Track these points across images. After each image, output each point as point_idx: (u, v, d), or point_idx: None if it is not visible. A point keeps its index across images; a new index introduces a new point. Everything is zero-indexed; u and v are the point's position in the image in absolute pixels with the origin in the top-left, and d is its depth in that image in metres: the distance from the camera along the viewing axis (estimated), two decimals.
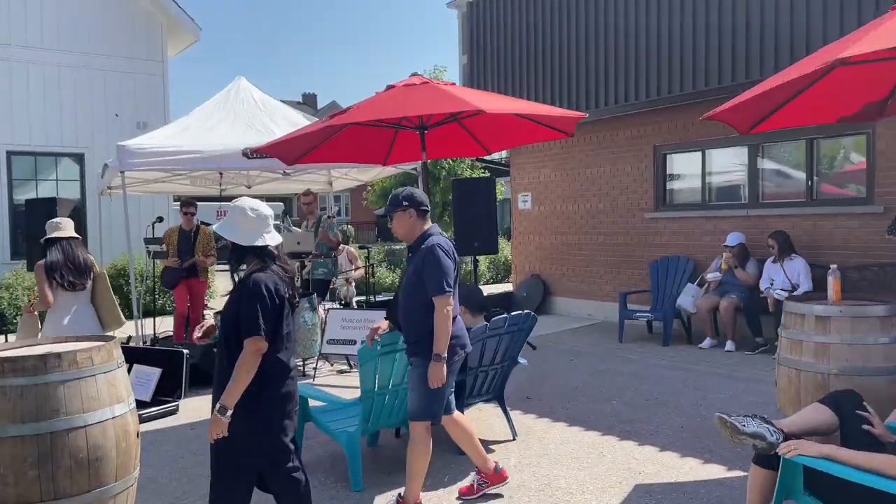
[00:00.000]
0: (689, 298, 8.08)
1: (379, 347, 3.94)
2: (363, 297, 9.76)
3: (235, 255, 3.06)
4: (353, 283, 9.48)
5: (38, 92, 12.37)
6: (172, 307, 9.23)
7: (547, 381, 6.52)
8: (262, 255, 3.01)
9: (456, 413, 3.77)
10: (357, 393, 4.56)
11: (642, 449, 4.60)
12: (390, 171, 9.06)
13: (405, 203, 3.55)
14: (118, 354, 3.47)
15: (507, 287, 13.67)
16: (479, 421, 5.24)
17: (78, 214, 8.88)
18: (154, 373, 6.14)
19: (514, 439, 4.85)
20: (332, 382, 6.82)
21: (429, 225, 3.61)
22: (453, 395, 3.79)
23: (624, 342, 8.37)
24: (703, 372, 6.75)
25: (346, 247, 9.34)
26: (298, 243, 7.44)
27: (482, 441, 4.79)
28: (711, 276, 7.95)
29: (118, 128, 12.76)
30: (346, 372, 7.30)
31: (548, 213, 10.83)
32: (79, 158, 12.87)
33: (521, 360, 4.89)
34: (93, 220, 11.25)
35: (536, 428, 5.12)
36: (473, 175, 16.64)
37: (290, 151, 6.20)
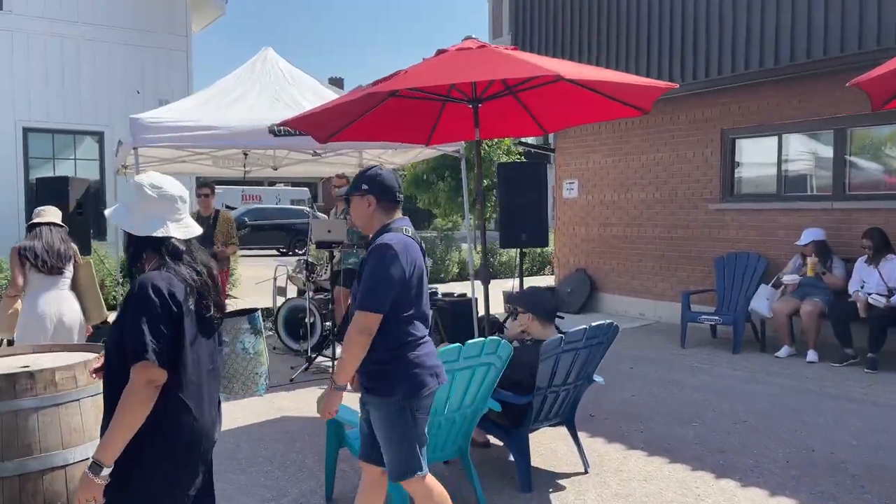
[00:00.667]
0: (763, 302, 7.19)
1: None
2: None
3: (132, 249, 2.19)
4: None
5: (56, 66, 11.75)
6: None
7: (609, 395, 5.71)
8: (164, 249, 2.12)
9: (428, 477, 2.81)
10: None
11: (747, 492, 3.78)
12: (430, 153, 8.25)
13: (364, 187, 2.77)
14: None
15: (545, 280, 12.84)
16: (540, 446, 4.45)
17: (91, 195, 8.25)
18: None
19: (586, 472, 4.06)
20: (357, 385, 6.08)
21: (394, 218, 2.79)
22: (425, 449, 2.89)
23: (686, 347, 7.51)
24: (790, 388, 5.88)
25: None
26: (329, 231, 6.68)
27: (547, 472, 4.01)
28: (789, 278, 7.04)
29: (139, 105, 12.06)
30: None
31: (596, 203, 9.96)
32: (98, 137, 12.26)
33: (598, 379, 4.08)
34: (112, 203, 10.62)
35: (610, 457, 4.32)
36: (510, 160, 15.75)
37: (323, 127, 5.43)
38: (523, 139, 12.47)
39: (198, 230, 2.23)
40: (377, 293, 2.57)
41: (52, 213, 5.07)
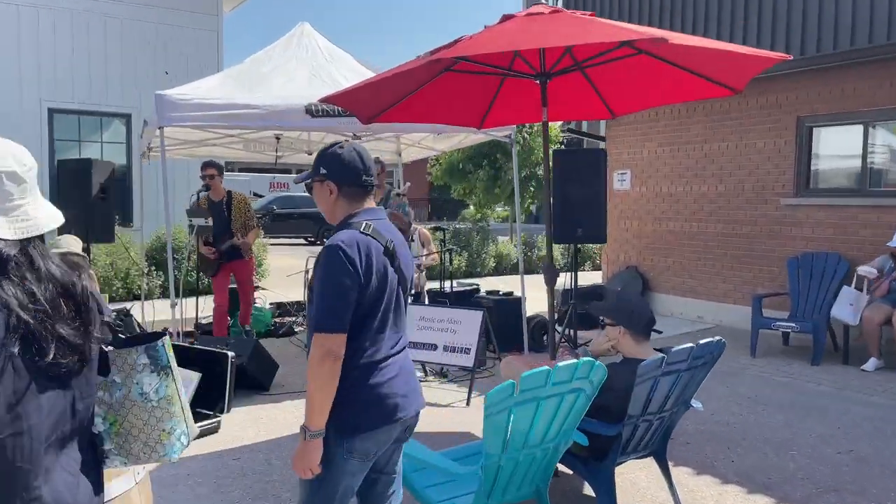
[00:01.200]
0: (846, 308, 6.45)
1: (515, 392, 2.54)
2: (434, 285, 8.39)
3: None
4: (424, 271, 8.13)
5: (83, 45, 11.32)
6: None
7: (687, 413, 5.04)
8: None
9: None
10: (444, 420, 3.19)
11: None
12: (475, 138, 7.61)
13: (322, 171, 2.23)
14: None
15: (589, 277, 12.14)
16: (619, 476, 3.81)
17: (115, 179, 7.76)
18: (191, 379, 4.92)
19: None
20: None
21: (362, 207, 2.24)
22: None
23: (757, 356, 6.81)
24: (889, 408, 5.17)
25: (419, 227, 7.98)
26: None
27: None
28: (865, 270, 6.27)
29: (168, 87, 11.63)
30: (420, 381, 5.98)
31: (651, 195, 9.25)
32: (125, 120, 11.83)
33: (695, 404, 3.44)
34: (138, 188, 10.17)
35: (702, 493, 3.68)
36: (553, 148, 15.03)
37: (368, 105, 4.83)
38: (572, 125, 11.73)
39: (45, 225, 1.40)
40: (334, 308, 2.03)
41: (71, 242, 4.54)
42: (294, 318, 8.55)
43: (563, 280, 9.83)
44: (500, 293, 7.48)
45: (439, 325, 5.65)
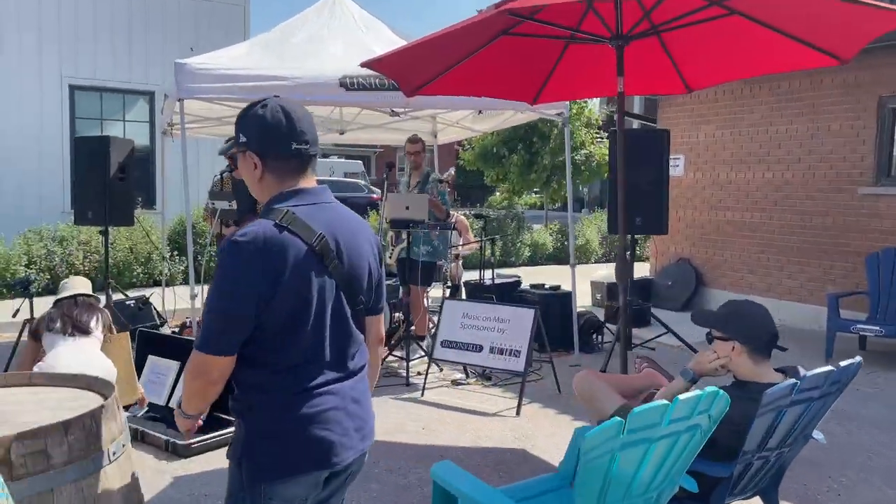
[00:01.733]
0: None
1: (623, 432, 1.96)
2: (471, 276, 7.80)
3: None
4: (461, 261, 7.55)
5: (105, 19, 10.86)
6: None
7: None
8: None
9: None
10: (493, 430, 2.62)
11: None
12: (522, 118, 6.98)
13: (241, 139, 1.78)
14: (116, 427, 1.66)
15: (634, 267, 11.40)
16: None
17: (136, 158, 7.28)
18: (170, 369, 4.41)
19: None
20: (444, 399, 4.95)
21: (295, 185, 1.78)
22: None
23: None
24: None
25: (456, 214, 7.39)
26: (408, 209, 5.52)
27: None
28: None
29: None
30: (461, 384, 5.43)
31: (707, 182, 8.55)
32: (149, 98, 11.38)
33: (817, 436, 2.81)
34: (162, 169, 9.73)
35: None
36: (589, 134, 14.30)
37: (414, 73, 4.26)
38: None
39: None
40: (214, 325, 1.64)
41: (79, 284, 4.10)
42: None
43: (606, 272, 9.21)
44: (546, 287, 6.87)
45: (485, 324, 5.08)
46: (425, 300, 6.34)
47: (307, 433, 1.69)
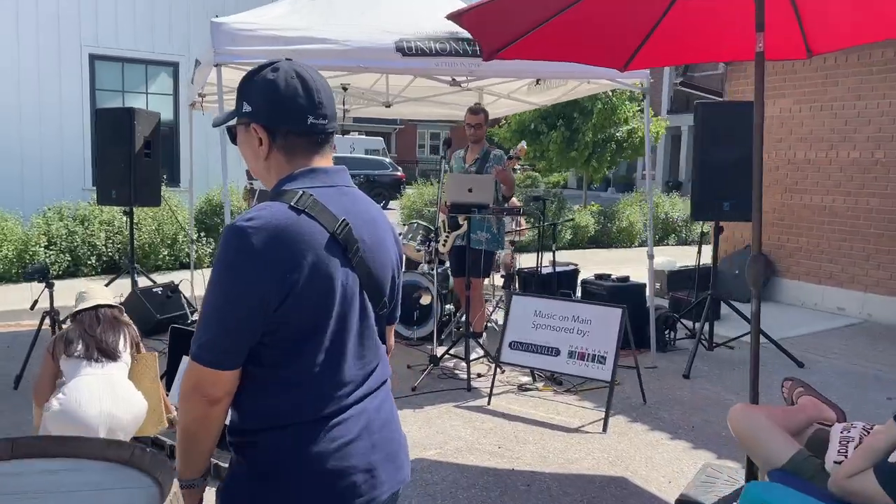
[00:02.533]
0: None
1: None
2: (528, 265, 7.16)
3: None
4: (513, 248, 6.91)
5: None
6: None
7: None
8: None
9: None
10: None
11: None
12: (588, 88, 6.27)
13: (246, 108, 1.45)
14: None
15: (681, 251, 10.71)
16: None
17: (162, 132, 6.70)
18: None
19: None
20: (514, 408, 4.34)
21: (308, 165, 1.45)
22: None
23: None
24: None
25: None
26: (471, 191, 4.87)
27: None
28: None
29: None
30: (529, 388, 4.83)
31: (781, 162, 7.81)
32: (172, 70, 10.77)
33: None
34: (188, 145, 9.16)
35: None
36: (631, 108, 13.48)
37: (498, 31, 3.59)
38: (686, 75, 10.22)
39: None
40: (215, 329, 1.32)
41: (99, 294, 3.43)
42: None
43: (663, 259, 8.53)
44: (613, 277, 6.22)
45: (562, 324, 4.45)
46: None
47: (326, 472, 1.35)
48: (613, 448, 3.87)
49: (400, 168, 25.08)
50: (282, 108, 1.41)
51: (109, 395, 2.93)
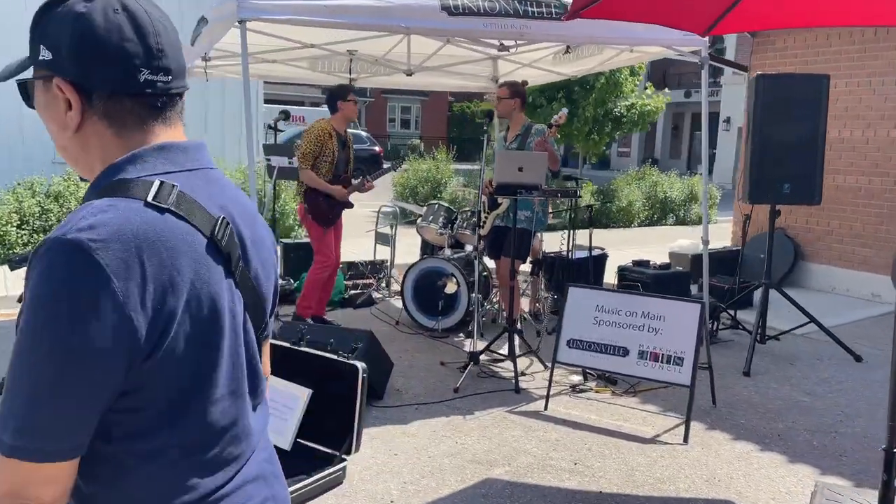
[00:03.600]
0: None
1: None
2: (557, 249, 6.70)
3: None
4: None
5: None
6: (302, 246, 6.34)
7: None
8: None
9: None
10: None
11: None
12: (629, 57, 5.75)
13: (45, 56, 0.95)
14: None
15: (689, 235, 10.36)
16: None
17: None
18: (297, 398, 3.32)
19: None
20: (574, 414, 3.88)
21: (152, 141, 0.98)
22: None
23: None
24: None
25: None
26: (521, 170, 4.35)
27: None
28: None
29: None
30: (584, 389, 4.39)
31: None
32: None
33: None
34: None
35: None
36: (631, 82, 13.02)
37: None
38: (707, 48, 9.77)
39: None
40: (39, 406, 0.83)
41: None
42: (370, 282, 6.91)
43: (685, 242, 8.16)
44: (653, 264, 5.79)
45: (630, 321, 3.99)
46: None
47: None
48: (703, 463, 3.44)
49: (378, 143, 24.31)
50: (99, 55, 0.94)
51: None
